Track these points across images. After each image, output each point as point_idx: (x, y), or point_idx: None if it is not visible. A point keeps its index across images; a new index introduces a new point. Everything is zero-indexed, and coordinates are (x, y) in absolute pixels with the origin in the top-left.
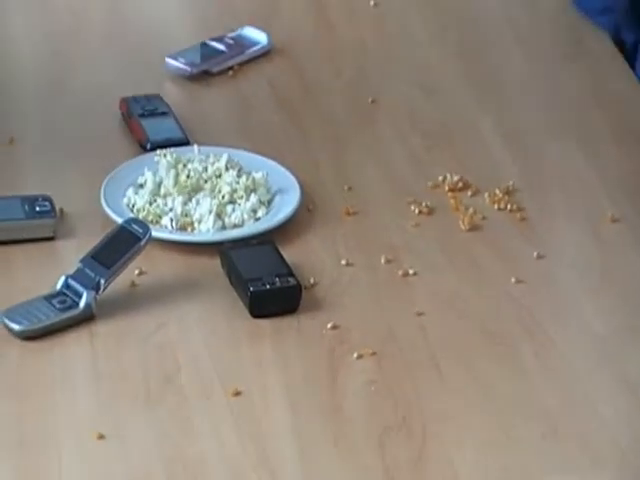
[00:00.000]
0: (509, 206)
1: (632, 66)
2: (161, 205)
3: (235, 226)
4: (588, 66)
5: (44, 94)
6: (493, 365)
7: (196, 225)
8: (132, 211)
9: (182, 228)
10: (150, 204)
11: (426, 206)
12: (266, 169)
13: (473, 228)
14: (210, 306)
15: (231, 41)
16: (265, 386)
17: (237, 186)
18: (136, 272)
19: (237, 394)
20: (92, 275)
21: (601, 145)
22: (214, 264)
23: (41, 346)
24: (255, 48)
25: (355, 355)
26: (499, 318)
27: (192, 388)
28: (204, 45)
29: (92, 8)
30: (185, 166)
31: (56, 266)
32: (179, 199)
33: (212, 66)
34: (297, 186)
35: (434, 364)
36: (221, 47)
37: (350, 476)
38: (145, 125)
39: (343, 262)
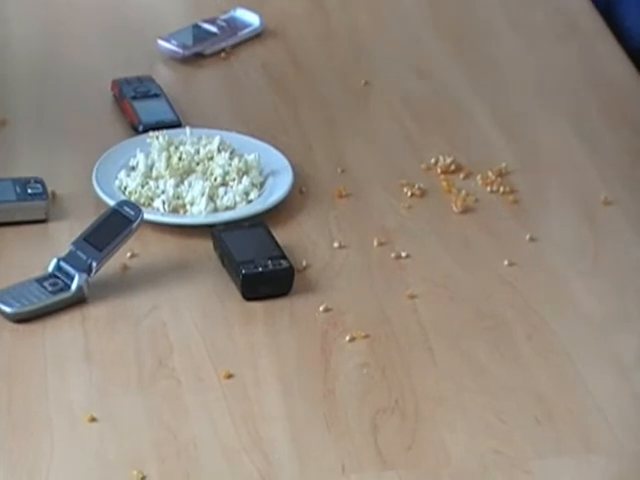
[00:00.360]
0: (501, 188)
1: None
2: (153, 187)
3: (227, 208)
4: (581, 48)
5: (36, 76)
6: (486, 348)
7: (188, 207)
8: (124, 193)
9: (174, 210)
10: (142, 186)
11: (419, 188)
12: (258, 151)
13: (465, 210)
14: (202, 289)
15: (223, 23)
16: (257, 369)
17: (229, 168)
18: (128, 255)
19: (229, 377)
20: (84, 258)
21: (594, 127)
22: (206, 246)
23: (33, 329)
24: (247, 30)
25: (348, 338)
26: (492, 301)
27: (184, 371)
28: (196, 27)
29: None
30: (177, 148)
31: (48, 248)
32: (171, 181)
33: (204, 48)
34: (289, 168)
35: (427, 347)
36: (213, 29)
37: (343, 459)
38: (137, 107)
39: (336, 245)
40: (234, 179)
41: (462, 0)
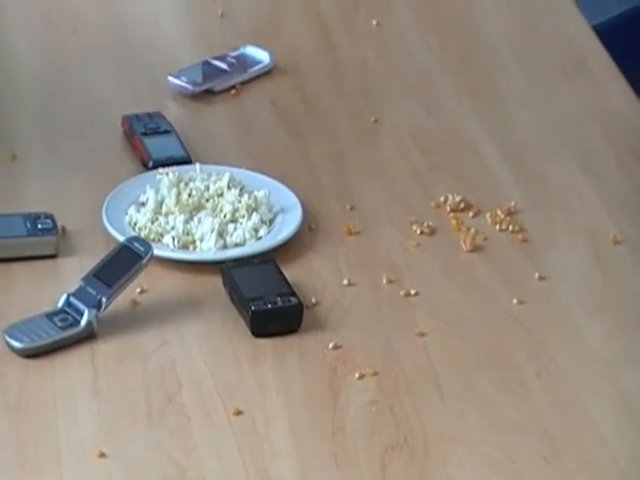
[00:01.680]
0: (511, 227)
1: None
2: (163, 223)
3: (237, 245)
4: (589, 85)
5: (46, 111)
6: (495, 385)
7: (198, 244)
8: (134, 229)
9: (184, 247)
10: (152, 222)
11: (428, 226)
12: (268, 188)
13: (475, 249)
14: (212, 325)
15: (233, 60)
16: (266, 405)
17: (239, 205)
18: (138, 290)
19: (238, 413)
20: (94, 293)
21: (603, 166)
22: (216, 283)
23: (42, 364)
24: (257, 67)
25: (357, 375)
26: (501, 339)
27: (193, 407)
28: (206, 63)
29: (94, 26)
30: (187, 184)
31: (58, 284)
32: (181, 217)
33: (214, 85)
34: (299, 205)
35: (436, 384)
36: (223, 66)
37: None
38: (147, 143)
39: (345, 282)
40: (244, 216)
41: (470, 36)
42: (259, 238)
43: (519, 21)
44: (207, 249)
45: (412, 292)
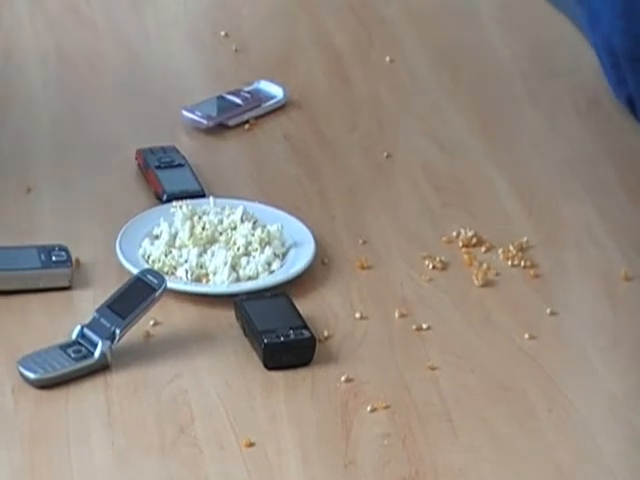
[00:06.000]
0: (523, 262)
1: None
2: (176, 256)
3: (250, 278)
4: (601, 122)
5: (60, 144)
6: (506, 420)
7: (211, 277)
8: (147, 262)
9: (197, 279)
10: (165, 255)
11: (440, 261)
12: (281, 222)
13: (487, 284)
14: (224, 357)
15: (247, 94)
16: (279, 438)
17: (252, 238)
18: (151, 323)
19: (250, 445)
20: (107, 325)
21: (615, 202)
22: (228, 315)
23: (56, 395)
24: (271, 102)
25: (369, 408)
26: (512, 374)
27: (206, 439)
28: (220, 98)
29: (109, 60)
30: (200, 218)
31: (72, 315)
32: (194, 251)
33: (228, 119)
34: (312, 239)
35: (447, 418)
36: (237, 100)
37: None
38: (161, 176)
39: (357, 315)
40: (257, 249)
41: (483, 73)
42: (272, 272)
43: (531, 58)
44: (220, 282)
45: (424, 326)
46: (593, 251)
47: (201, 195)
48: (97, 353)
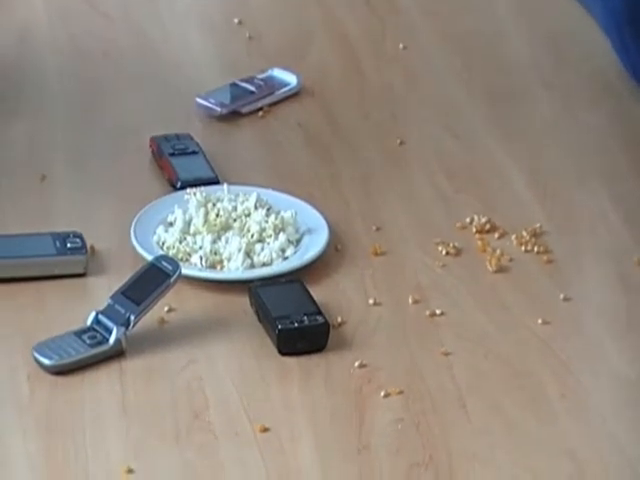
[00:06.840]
0: (536, 248)
1: None
2: (191, 243)
3: (264, 265)
4: (615, 109)
5: (75, 132)
6: (519, 405)
7: (225, 263)
8: (162, 249)
9: (211, 266)
10: (180, 242)
11: (454, 247)
12: (295, 208)
13: (500, 269)
14: (238, 343)
15: (261, 82)
16: (292, 423)
17: (266, 225)
18: (165, 309)
19: (265, 431)
20: (122, 311)
21: (628, 189)
22: (243, 302)
23: (71, 381)
24: (285, 89)
25: (382, 394)
26: (525, 359)
27: (220, 424)
28: (234, 86)
29: (123, 48)
30: (215, 205)
31: (87, 302)
32: (208, 237)
33: (242, 106)
34: (325, 226)
35: (461, 404)
36: (251, 88)
37: None
38: (175, 164)
39: (371, 301)
40: (271, 236)
41: (496, 61)
42: (286, 258)
43: (545, 46)
44: (234, 268)
45: (437, 312)
46: (607, 237)
47: (215, 182)
48: (112, 339)
